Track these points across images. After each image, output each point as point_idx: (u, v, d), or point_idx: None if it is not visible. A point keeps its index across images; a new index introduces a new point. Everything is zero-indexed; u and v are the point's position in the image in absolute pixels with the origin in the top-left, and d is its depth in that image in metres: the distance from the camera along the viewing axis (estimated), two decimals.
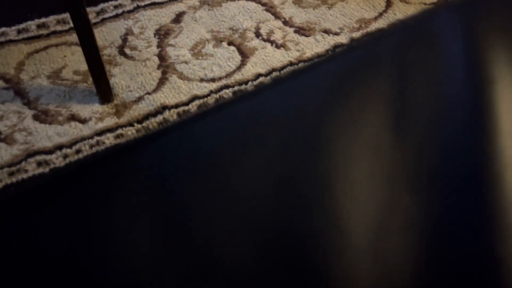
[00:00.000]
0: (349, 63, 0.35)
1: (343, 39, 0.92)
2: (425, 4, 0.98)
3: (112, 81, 0.82)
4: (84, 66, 0.77)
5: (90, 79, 0.78)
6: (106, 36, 0.90)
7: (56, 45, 0.87)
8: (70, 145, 0.74)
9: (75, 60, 0.84)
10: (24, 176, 0.70)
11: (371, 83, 0.32)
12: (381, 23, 0.95)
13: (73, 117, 0.78)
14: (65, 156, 0.73)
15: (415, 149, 0.32)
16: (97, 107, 0.79)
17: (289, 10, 0.96)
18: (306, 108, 0.39)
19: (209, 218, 0.34)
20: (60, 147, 0.74)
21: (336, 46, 0.91)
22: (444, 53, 0.22)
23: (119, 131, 0.76)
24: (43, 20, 0.90)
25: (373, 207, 0.31)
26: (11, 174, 0.70)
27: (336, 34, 0.93)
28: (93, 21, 0.91)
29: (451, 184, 0.31)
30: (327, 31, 0.93)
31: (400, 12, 0.96)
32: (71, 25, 0.73)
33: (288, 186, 0.35)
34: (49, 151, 0.73)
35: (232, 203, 0.35)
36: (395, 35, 0.26)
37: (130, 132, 0.77)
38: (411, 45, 0.33)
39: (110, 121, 0.78)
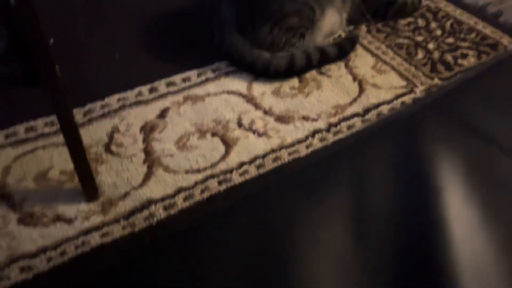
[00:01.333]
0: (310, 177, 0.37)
1: (321, 124, 0.96)
2: (395, 88, 1.05)
3: (98, 179, 0.83)
4: (70, 166, 0.78)
5: (77, 178, 0.79)
6: (93, 135, 0.92)
7: (44, 147, 0.89)
8: (54, 247, 0.73)
9: (62, 160, 0.86)
10: (7, 283, 0.68)
11: (332, 193, 0.34)
12: (356, 108, 1.00)
13: (58, 218, 0.77)
14: (49, 259, 0.71)
15: (374, 253, 0.33)
16: (83, 206, 0.80)
17: (268, 101, 1.02)
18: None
19: None
20: (44, 249, 0.73)
21: (315, 132, 0.95)
22: (398, 163, 0.24)
23: (105, 229, 0.76)
24: (31, 123, 0.93)
25: None
26: None
27: (314, 120, 0.97)
28: (80, 121, 0.94)
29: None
30: (305, 118, 0.98)
31: (372, 97, 1.02)
32: (59, 126, 0.76)
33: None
34: (33, 255, 0.72)
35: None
36: (353, 149, 0.28)
37: (116, 230, 0.76)
38: (368, 159, 0.35)
39: (96, 220, 0.77)
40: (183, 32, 1.19)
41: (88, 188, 0.79)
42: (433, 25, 1.22)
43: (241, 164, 0.88)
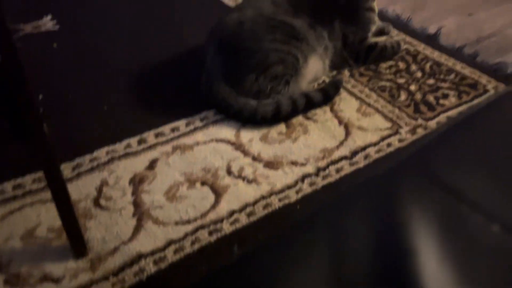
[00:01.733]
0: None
1: (310, 169, 0.97)
2: (380, 129, 1.07)
3: (87, 234, 0.82)
4: (58, 223, 0.77)
5: (65, 235, 0.78)
6: (82, 189, 0.92)
7: (31, 204, 0.88)
8: None
9: (49, 217, 0.85)
10: None
11: (311, 252, 0.34)
12: (343, 151, 1.01)
13: (45, 277, 0.75)
14: None
15: None
16: (71, 264, 0.78)
17: (257, 147, 1.03)
18: None
19: None
20: None
21: (304, 176, 0.95)
22: (373, 224, 0.25)
23: (94, 287, 0.74)
24: (19, 180, 0.93)
25: None
26: None
27: (303, 165, 0.98)
28: (69, 176, 0.94)
29: None
30: (294, 163, 0.99)
31: (359, 139, 1.04)
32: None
33: None
34: None
35: None
36: (330, 207, 0.29)
37: (105, 287, 0.74)
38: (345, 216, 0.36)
39: (84, 277, 0.76)
40: (171, 83, 1.22)
41: (77, 245, 0.78)
42: (414, 67, 1.26)
43: (232, 213, 0.88)
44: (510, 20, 1.51)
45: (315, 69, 1.18)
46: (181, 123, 1.08)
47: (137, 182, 0.94)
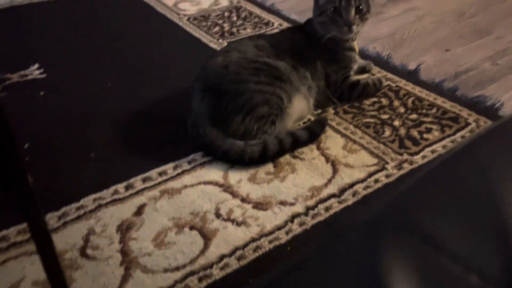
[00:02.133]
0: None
1: (299, 208, 0.97)
2: (367, 166, 1.08)
3: (73, 286, 0.80)
4: (43, 276, 0.75)
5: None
6: (68, 239, 0.90)
7: (16, 257, 0.86)
8: None
9: (34, 270, 0.83)
10: None
11: None
12: (331, 189, 1.01)
13: None
14: None
15: None
16: None
17: (245, 188, 1.03)
18: None
19: None
20: None
21: (294, 216, 0.95)
22: (353, 277, 0.25)
23: None
24: (4, 232, 0.91)
25: None
26: None
27: (292, 204, 0.98)
28: (55, 226, 0.92)
29: None
30: (283, 203, 0.98)
31: (346, 177, 1.04)
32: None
33: None
34: None
35: None
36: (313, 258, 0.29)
37: None
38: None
39: None
40: (158, 126, 1.23)
41: None
42: (396, 103, 1.29)
43: (221, 257, 0.86)
44: (485, 55, 1.56)
45: (300, 108, 1.20)
46: (168, 167, 1.08)
47: (124, 229, 0.93)
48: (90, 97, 1.35)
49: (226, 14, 1.86)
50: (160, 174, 1.06)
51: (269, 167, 1.08)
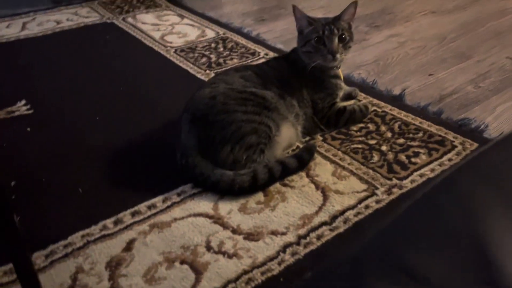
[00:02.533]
0: None
1: (291, 238, 0.96)
2: (357, 192, 1.08)
3: None
4: None
5: None
6: (55, 278, 0.88)
7: None
8: None
9: None
10: None
11: None
12: (322, 217, 1.01)
13: None
14: None
15: None
16: None
17: (236, 219, 1.02)
18: None
19: None
20: None
21: (285, 246, 0.94)
22: None
23: None
24: None
25: None
26: None
27: (284, 234, 0.97)
28: (42, 265, 0.90)
29: None
30: (274, 233, 0.98)
31: (337, 204, 1.04)
32: None
33: None
34: None
35: None
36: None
37: None
38: None
39: None
40: (147, 159, 1.22)
41: None
42: (383, 128, 1.30)
43: None
44: (468, 78, 1.60)
45: (288, 136, 1.21)
46: (158, 200, 1.07)
47: (114, 265, 0.91)
48: (78, 132, 1.34)
49: (213, 45, 1.89)
50: (149, 207, 1.05)
51: (260, 196, 1.08)
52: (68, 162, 1.21)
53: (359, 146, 1.23)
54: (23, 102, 1.46)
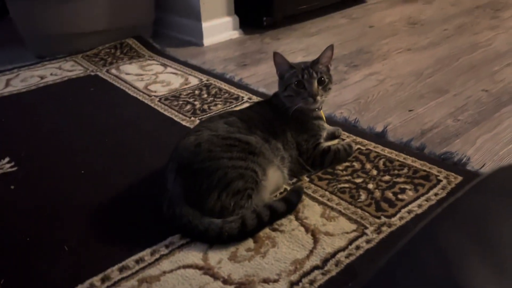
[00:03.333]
0: None
1: (283, 285, 0.94)
2: (347, 233, 1.07)
3: None
4: None
5: None
6: None
7: None
8: None
9: None
10: None
11: None
12: (314, 261, 0.99)
13: None
14: None
15: None
16: None
17: (226, 268, 1.00)
18: None
19: None
20: None
21: None
22: None
23: None
24: None
25: None
26: None
27: (276, 281, 0.95)
28: None
29: None
30: (266, 281, 0.96)
31: (327, 246, 1.03)
32: None
33: None
34: None
35: None
36: None
37: None
38: None
39: None
40: (133, 211, 1.20)
41: None
42: (368, 166, 1.31)
43: None
44: (447, 112, 1.64)
45: (275, 179, 1.21)
46: (146, 253, 1.05)
47: None
48: (63, 187, 1.33)
49: (197, 92, 1.92)
50: (137, 261, 1.03)
51: (249, 243, 1.06)
52: (53, 219, 1.19)
53: (346, 185, 1.24)
54: (6, 159, 1.45)
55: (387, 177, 1.25)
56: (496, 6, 3.03)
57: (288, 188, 1.24)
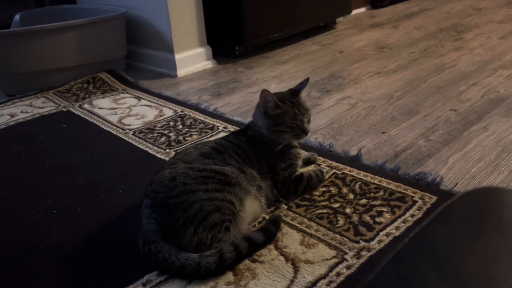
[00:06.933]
0: None
1: None
2: (327, 259, 1.06)
3: None
4: None
5: None
6: None
7: None
8: None
9: None
10: None
11: None
12: None
13: None
14: None
15: None
16: None
17: None
18: None
19: None
20: None
21: None
22: None
23: None
24: None
25: None
26: None
27: None
28: None
29: None
30: None
31: (308, 274, 1.02)
32: None
33: None
34: None
35: None
36: None
37: None
38: None
39: None
40: (108, 251, 1.17)
41: None
42: (345, 190, 1.32)
43: None
44: (418, 132, 1.68)
45: (252, 209, 1.20)
46: None
47: None
48: (34, 229, 1.28)
49: (171, 123, 1.91)
50: None
51: (229, 276, 1.04)
52: (24, 265, 1.14)
53: (324, 211, 1.24)
54: None
55: (364, 201, 1.26)
56: (458, 29, 3.16)
57: (267, 217, 1.23)
